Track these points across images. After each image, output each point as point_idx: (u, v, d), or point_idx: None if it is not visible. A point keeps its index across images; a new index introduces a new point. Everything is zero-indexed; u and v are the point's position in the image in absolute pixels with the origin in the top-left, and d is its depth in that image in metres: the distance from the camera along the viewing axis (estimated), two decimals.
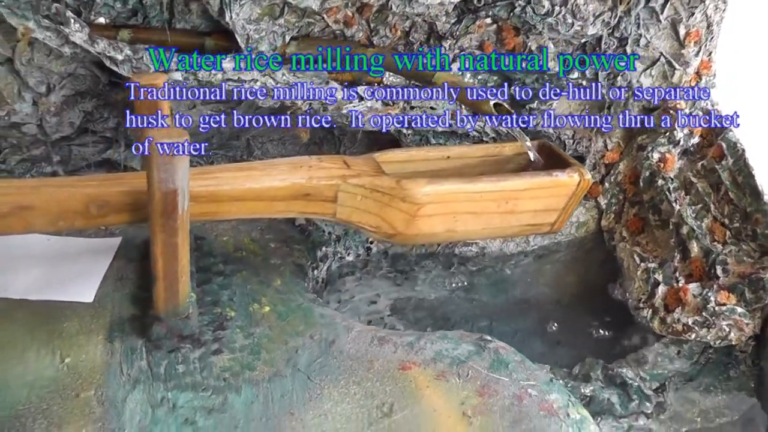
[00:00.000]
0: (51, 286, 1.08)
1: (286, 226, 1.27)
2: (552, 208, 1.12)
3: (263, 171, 0.97)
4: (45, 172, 1.27)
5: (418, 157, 1.15)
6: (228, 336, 1.00)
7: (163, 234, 0.89)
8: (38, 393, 0.91)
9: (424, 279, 1.38)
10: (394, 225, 1.04)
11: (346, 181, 1.00)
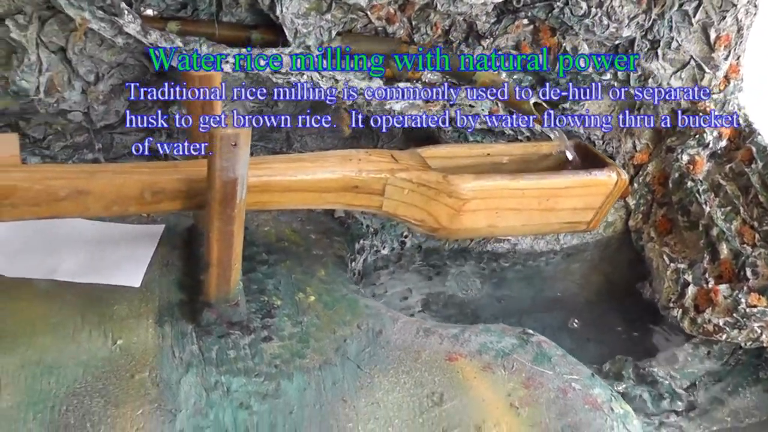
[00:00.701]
0: (98, 270, 1.09)
1: (326, 218, 1.28)
2: (589, 206, 1.14)
3: (315, 163, 0.99)
4: (86, 158, 1.29)
5: (460, 153, 1.16)
6: (276, 324, 1.02)
7: (220, 222, 0.91)
8: (93, 372, 0.93)
9: (456, 274, 1.39)
10: (438, 219, 1.05)
11: (394, 175, 1.02)
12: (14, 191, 0.88)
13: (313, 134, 1.34)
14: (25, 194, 0.88)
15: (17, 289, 1.05)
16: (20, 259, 1.10)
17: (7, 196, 0.88)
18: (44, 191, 0.89)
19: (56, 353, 0.95)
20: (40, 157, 1.26)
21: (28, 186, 0.88)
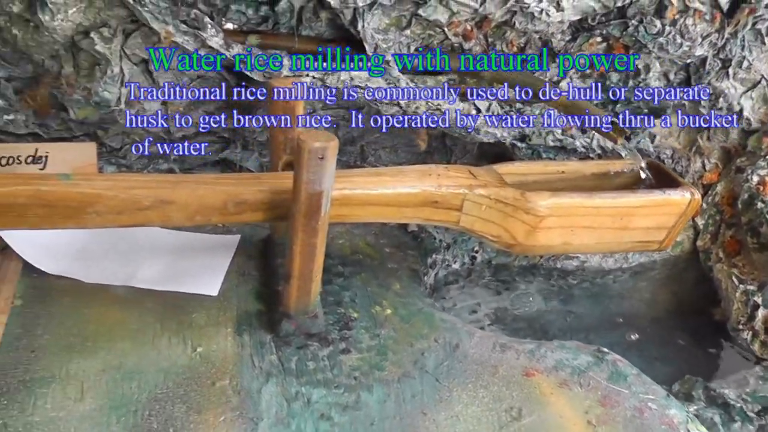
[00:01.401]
0: (176, 278, 1.11)
1: (399, 232, 1.29)
2: (662, 226, 1.13)
3: (395, 177, 0.99)
4: (161, 168, 1.31)
5: (535, 170, 1.16)
6: (354, 336, 1.02)
7: (304, 234, 0.92)
8: (174, 379, 0.94)
9: (525, 290, 1.39)
10: (515, 235, 1.05)
11: (472, 191, 1.02)
12: (99, 199, 0.89)
13: (387, 148, 1.35)
14: (110, 203, 0.90)
15: (96, 295, 1.07)
16: (98, 266, 1.12)
17: (92, 204, 0.89)
18: (129, 200, 0.90)
19: (136, 359, 0.96)
20: (117, 166, 1.28)
21: (112, 195, 0.90)
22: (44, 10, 1.03)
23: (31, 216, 0.89)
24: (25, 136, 1.24)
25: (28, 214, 0.89)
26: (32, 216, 0.89)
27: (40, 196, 0.88)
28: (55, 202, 0.89)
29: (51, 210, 0.89)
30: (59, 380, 0.93)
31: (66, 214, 0.90)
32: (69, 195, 0.89)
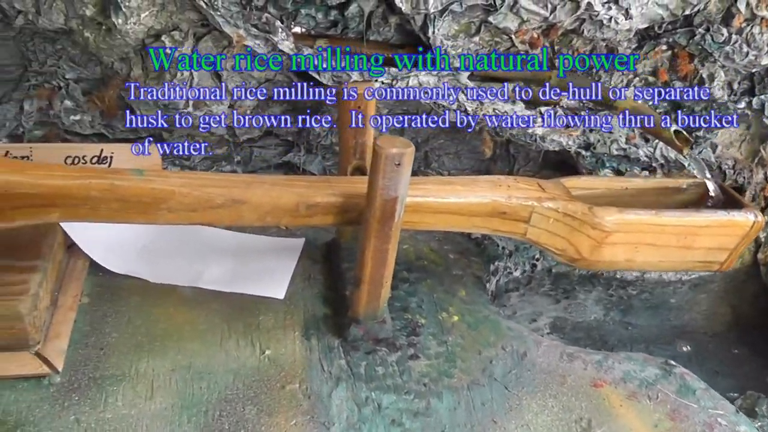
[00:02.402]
0: (242, 280, 1.11)
1: (462, 239, 1.29)
2: (724, 247, 1.12)
3: (466, 187, 0.99)
4: (224, 170, 1.32)
5: (600, 185, 1.16)
6: (422, 342, 1.02)
7: (377, 240, 0.92)
8: (244, 381, 0.95)
9: (584, 299, 1.38)
10: (579, 250, 1.05)
11: (541, 203, 1.01)
12: (172, 196, 0.89)
13: (450, 154, 1.34)
14: (183, 200, 0.90)
15: (163, 295, 1.08)
16: (165, 267, 1.13)
17: (165, 200, 0.90)
18: (202, 198, 0.91)
19: (205, 359, 0.97)
20: (180, 167, 1.29)
21: (187, 192, 0.90)
22: (118, 13, 1.04)
23: (104, 209, 0.89)
24: (90, 136, 1.26)
25: (101, 208, 0.89)
26: (105, 209, 0.89)
27: (114, 191, 0.89)
28: (129, 197, 0.89)
29: (124, 204, 0.90)
30: (129, 378, 0.94)
31: (139, 209, 0.90)
32: (143, 190, 0.89)
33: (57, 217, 0.90)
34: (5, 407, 0.89)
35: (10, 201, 0.87)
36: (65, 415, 0.89)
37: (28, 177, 0.87)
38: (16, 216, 0.88)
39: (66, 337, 0.99)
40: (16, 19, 1.08)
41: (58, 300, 1.05)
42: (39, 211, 0.89)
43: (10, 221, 0.89)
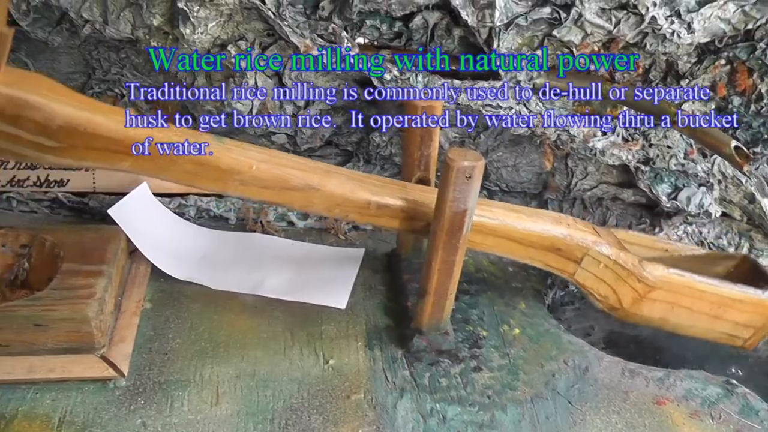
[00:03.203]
0: (303, 289, 1.12)
1: None
2: (751, 324, 1.12)
3: (530, 217, 1.00)
4: None
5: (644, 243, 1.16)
6: (484, 354, 1.02)
7: (444, 252, 0.92)
8: (308, 390, 0.95)
9: None
10: (621, 300, 1.05)
11: (595, 247, 1.01)
12: (249, 169, 0.89)
13: (509, 167, 1.34)
14: (259, 174, 0.90)
15: (225, 301, 1.09)
16: (225, 274, 1.13)
17: (241, 172, 0.89)
18: (279, 177, 0.91)
19: (269, 367, 0.97)
20: None
21: (265, 168, 0.90)
22: (186, 23, 1.05)
23: (176, 170, 0.89)
24: None
25: (174, 168, 0.88)
26: (178, 170, 0.89)
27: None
28: (205, 162, 0.89)
29: (199, 168, 0.89)
30: (194, 384, 0.95)
31: (212, 176, 0.89)
32: (221, 158, 0.89)
33: (127, 166, 0.88)
34: (72, 408, 0.90)
35: (87, 141, 0.85)
36: (132, 418, 0.90)
37: (111, 121, 0.85)
38: (88, 156, 0.87)
39: (130, 341, 1.00)
40: (83, 29, 1.09)
41: (122, 305, 1.06)
42: (111, 156, 0.87)
43: (80, 160, 0.87)
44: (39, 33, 1.13)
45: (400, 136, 1.27)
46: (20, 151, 0.85)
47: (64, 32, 1.15)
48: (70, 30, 1.14)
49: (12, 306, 0.94)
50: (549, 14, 1.11)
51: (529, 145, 1.31)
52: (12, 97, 0.80)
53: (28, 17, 1.11)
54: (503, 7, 1.09)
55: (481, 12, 1.09)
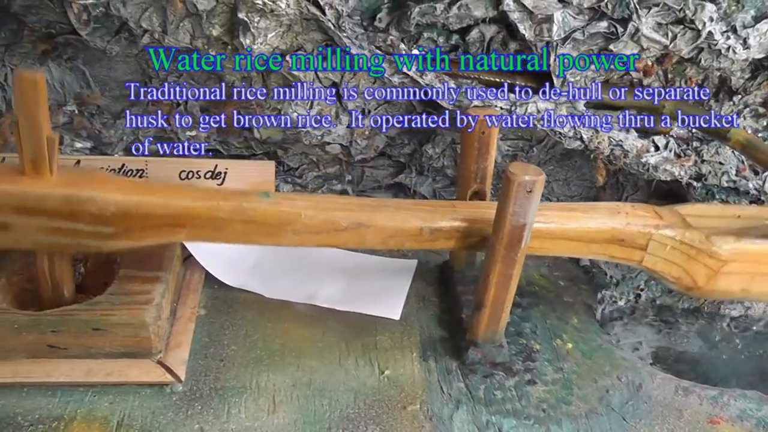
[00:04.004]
0: (357, 300, 1.12)
1: (572, 265, 1.29)
2: None
3: (586, 213, 0.99)
4: (335, 189, 1.33)
5: (713, 213, 1.15)
6: (538, 368, 1.03)
7: (502, 265, 0.93)
8: (365, 400, 0.96)
9: (687, 332, 1.37)
10: (695, 279, 1.04)
11: (658, 231, 1.01)
12: (299, 219, 0.91)
13: (560, 181, 1.35)
14: (309, 222, 0.92)
15: (279, 310, 1.10)
16: (279, 283, 1.14)
17: (291, 222, 0.91)
18: (328, 221, 0.92)
19: (325, 377, 0.98)
20: (292, 185, 1.31)
21: (312, 215, 0.92)
22: (246, 34, 1.06)
23: (229, 231, 0.92)
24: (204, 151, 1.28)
25: (227, 229, 0.91)
26: (230, 231, 0.92)
27: (242, 212, 0.91)
28: (255, 219, 0.91)
29: (250, 226, 0.92)
30: (251, 391, 0.96)
31: (264, 231, 0.92)
32: (269, 213, 0.91)
33: (183, 237, 0.93)
34: (130, 411, 0.92)
35: (140, 221, 0.90)
36: (189, 423, 0.91)
37: (159, 198, 0.90)
38: (145, 236, 0.92)
39: (186, 347, 1.01)
40: (142, 38, 1.10)
41: (177, 311, 1.07)
42: (167, 231, 0.92)
43: (138, 240, 0.92)
44: (98, 42, 1.15)
45: (453, 149, 1.27)
46: (81, 242, 0.91)
47: (122, 41, 1.16)
48: (128, 39, 1.15)
49: (71, 310, 0.96)
50: (606, 28, 1.11)
51: (581, 159, 1.30)
52: (67, 195, 0.87)
53: (88, 27, 1.12)
54: (561, 21, 1.09)
55: (538, 26, 1.09)
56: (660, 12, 1.12)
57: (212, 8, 1.06)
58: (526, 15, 1.10)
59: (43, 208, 0.88)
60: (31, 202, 0.88)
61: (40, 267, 0.98)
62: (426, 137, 1.26)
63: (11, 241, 0.91)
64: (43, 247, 0.94)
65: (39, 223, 0.89)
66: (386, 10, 1.12)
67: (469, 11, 1.09)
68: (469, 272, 1.17)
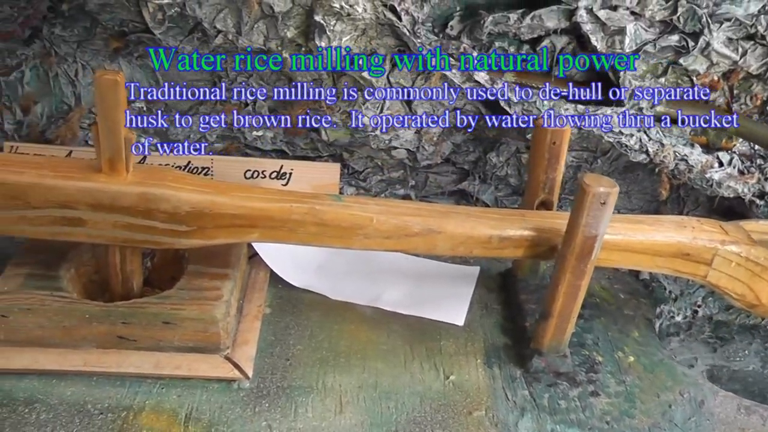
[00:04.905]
0: (421, 304, 1.13)
1: (631, 279, 1.29)
2: None
3: (652, 226, 1.00)
4: (398, 194, 1.34)
5: None
6: (601, 379, 1.03)
7: (572, 276, 0.93)
8: (431, 404, 0.97)
9: (743, 350, 1.37)
10: (759, 296, 1.04)
11: (724, 246, 1.01)
12: (371, 223, 0.92)
13: (621, 194, 1.35)
14: (381, 227, 0.93)
15: (344, 312, 1.11)
16: (344, 284, 1.16)
17: (363, 226, 0.93)
18: (399, 226, 0.93)
19: (391, 379, 0.99)
20: (356, 188, 1.32)
21: (384, 219, 0.93)
22: (322, 36, 1.07)
23: (301, 232, 0.93)
24: (269, 152, 1.30)
25: (299, 231, 0.93)
26: (303, 232, 0.93)
27: (314, 215, 0.92)
28: (328, 222, 0.93)
29: (322, 229, 0.93)
30: (317, 391, 0.97)
31: (336, 234, 0.94)
32: (342, 216, 0.93)
33: (256, 237, 0.95)
34: (198, 405, 0.94)
35: (214, 221, 0.92)
36: (257, 420, 0.92)
37: (233, 198, 0.92)
38: (218, 235, 0.94)
39: (253, 344, 1.02)
40: (216, 38, 1.12)
41: (243, 308, 1.09)
42: (240, 231, 0.94)
43: (211, 239, 0.94)
44: (170, 41, 1.16)
45: (517, 158, 1.28)
46: (156, 239, 0.94)
47: (195, 41, 1.17)
48: (201, 39, 1.17)
49: (142, 303, 0.98)
50: (677, 42, 1.11)
51: (643, 172, 1.31)
52: (142, 193, 0.89)
53: (163, 26, 1.13)
54: (633, 33, 1.10)
55: (611, 38, 1.10)
56: (731, 27, 1.12)
57: (288, 10, 1.08)
58: (598, 27, 1.10)
59: (119, 205, 0.91)
60: (107, 199, 0.90)
61: (112, 261, 0.99)
62: (491, 145, 1.27)
63: (86, 235, 0.94)
64: (116, 242, 0.95)
65: (114, 219, 0.92)
66: (458, 17, 1.13)
67: (542, 22, 1.10)
68: (533, 281, 1.18)
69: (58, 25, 1.20)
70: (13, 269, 1.01)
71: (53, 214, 0.92)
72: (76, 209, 0.91)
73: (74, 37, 1.21)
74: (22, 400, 0.93)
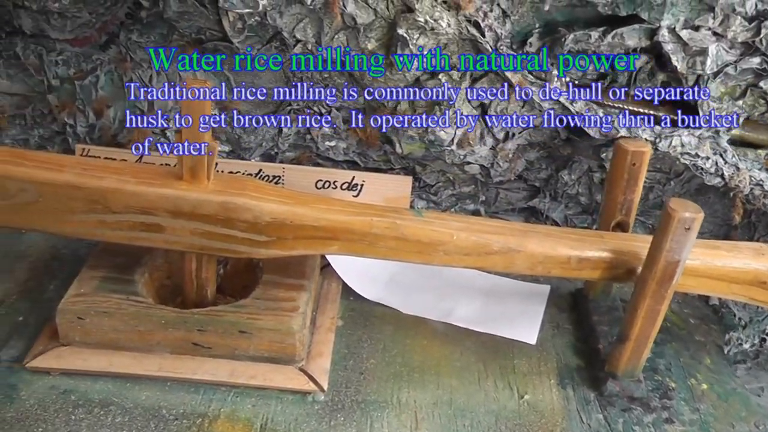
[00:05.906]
0: (493, 321, 1.13)
1: (701, 304, 1.28)
2: None
3: (730, 252, 0.99)
4: (468, 209, 1.34)
5: None
6: (675, 407, 1.03)
7: (651, 300, 0.93)
8: (506, 423, 0.97)
9: None
10: None
11: None
12: (451, 239, 0.93)
13: None
14: (461, 243, 0.93)
15: (415, 326, 1.12)
16: (415, 299, 1.16)
17: (444, 243, 0.94)
18: (480, 243, 0.94)
19: (465, 397, 1.00)
20: (427, 201, 1.33)
21: (465, 236, 0.94)
22: (404, 50, 1.07)
23: (381, 246, 0.94)
24: (341, 162, 1.30)
25: (379, 245, 0.94)
26: (383, 247, 0.94)
27: (395, 229, 0.93)
28: (409, 237, 0.93)
29: (402, 244, 0.94)
30: (392, 406, 0.97)
31: (416, 249, 0.94)
32: (423, 232, 0.93)
33: (335, 249, 0.95)
34: (273, 416, 0.94)
35: (294, 232, 0.93)
36: None
37: (313, 210, 0.93)
38: (297, 246, 0.95)
39: (328, 356, 1.03)
40: (294, 48, 1.12)
41: (317, 320, 1.09)
42: (319, 243, 0.95)
43: (290, 250, 0.95)
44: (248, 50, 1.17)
45: (589, 176, 1.28)
46: (234, 248, 0.95)
47: (272, 50, 1.18)
48: (279, 48, 1.17)
49: (218, 311, 0.99)
50: (758, 64, 1.10)
51: (714, 195, 1.30)
52: (224, 202, 0.91)
53: (242, 35, 1.14)
54: (715, 54, 1.09)
55: (692, 59, 1.09)
56: None
57: (370, 22, 1.08)
58: (680, 47, 1.10)
59: (199, 213, 0.92)
60: (187, 206, 0.91)
61: (188, 268, 1.00)
62: (563, 163, 1.27)
63: (164, 241, 0.95)
64: (193, 250, 0.96)
65: (193, 226, 0.93)
66: (537, 34, 1.13)
67: (623, 40, 1.10)
68: (604, 302, 1.17)
69: (135, 31, 1.22)
70: (88, 272, 1.02)
71: (133, 220, 0.93)
72: (156, 215, 0.93)
73: (150, 43, 1.23)
74: (97, 402, 0.94)
